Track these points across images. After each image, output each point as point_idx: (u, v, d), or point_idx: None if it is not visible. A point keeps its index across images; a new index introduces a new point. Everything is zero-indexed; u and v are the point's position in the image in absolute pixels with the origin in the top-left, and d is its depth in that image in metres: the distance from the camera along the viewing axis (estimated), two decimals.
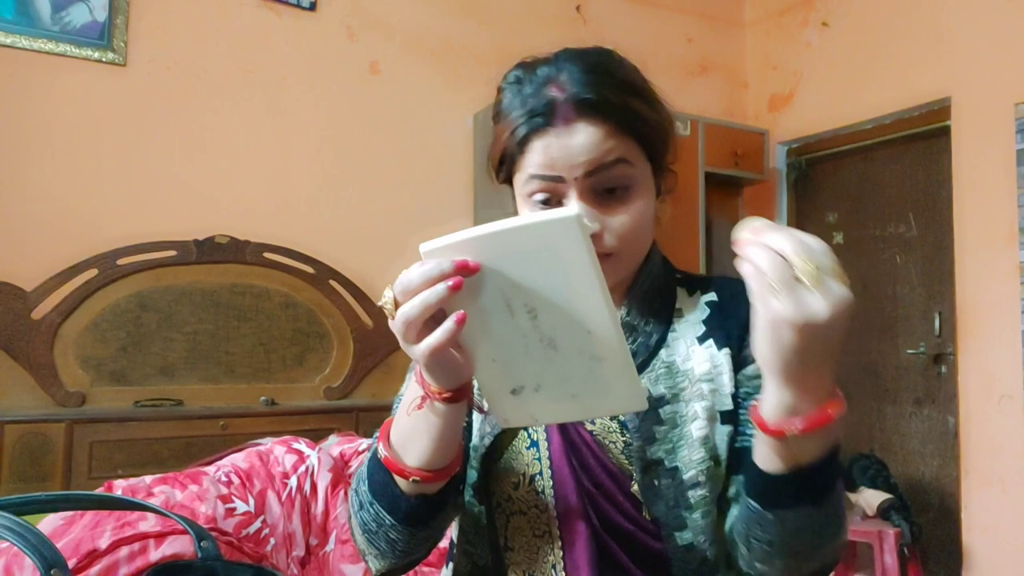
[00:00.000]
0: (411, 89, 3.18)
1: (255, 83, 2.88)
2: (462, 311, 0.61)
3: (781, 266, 0.56)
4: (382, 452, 0.73)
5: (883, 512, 2.83)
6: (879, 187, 3.58)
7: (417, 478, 0.70)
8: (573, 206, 0.59)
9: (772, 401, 0.62)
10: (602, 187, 0.76)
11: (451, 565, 0.87)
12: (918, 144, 3.42)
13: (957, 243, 3.12)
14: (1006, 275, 2.93)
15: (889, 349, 3.48)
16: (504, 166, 0.80)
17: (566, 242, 0.58)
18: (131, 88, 2.68)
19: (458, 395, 0.67)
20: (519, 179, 0.78)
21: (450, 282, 0.60)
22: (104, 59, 2.63)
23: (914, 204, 3.43)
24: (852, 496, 2.95)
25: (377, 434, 0.86)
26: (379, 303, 0.65)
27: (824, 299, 0.56)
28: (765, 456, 0.66)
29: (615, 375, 0.63)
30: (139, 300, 2.57)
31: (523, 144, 0.76)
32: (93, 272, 2.51)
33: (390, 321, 0.63)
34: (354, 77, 3.08)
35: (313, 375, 2.84)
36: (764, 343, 0.59)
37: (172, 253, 2.63)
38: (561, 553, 0.78)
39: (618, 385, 0.63)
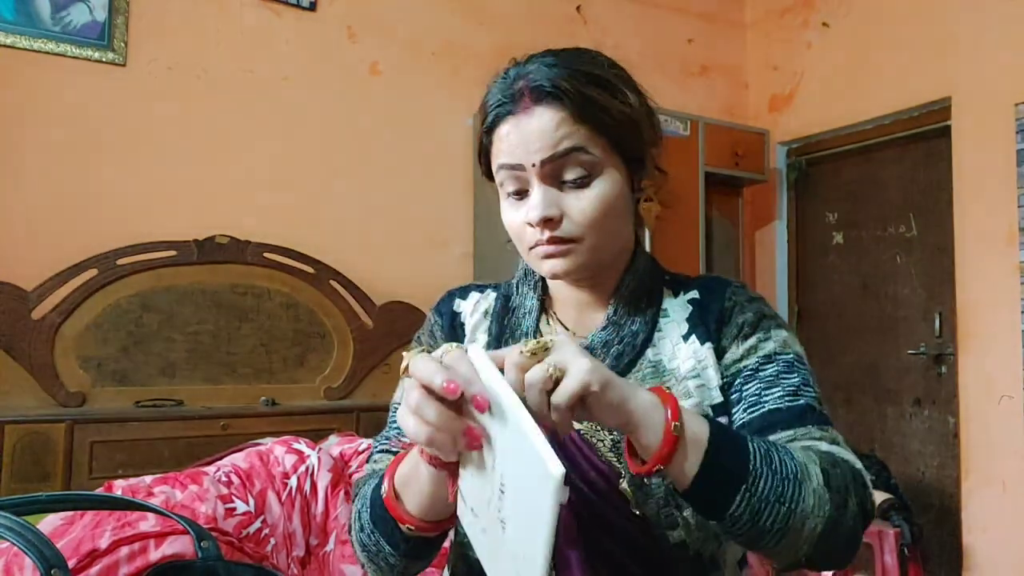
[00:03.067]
0: (411, 89, 3.18)
1: (255, 83, 2.88)
2: (460, 445, 0.61)
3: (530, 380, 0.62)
4: (385, 489, 0.73)
5: (883, 512, 2.83)
6: (879, 187, 3.58)
7: (412, 527, 0.70)
8: (560, 468, 0.55)
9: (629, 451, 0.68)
10: (561, 174, 0.78)
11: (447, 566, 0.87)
12: (918, 144, 3.42)
13: (957, 243, 3.12)
14: (1006, 275, 2.93)
15: (889, 349, 3.48)
16: (483, 160, 0.85)
17: (541, 488, 0.56)
18: (131, 88, 2.68)
19: (441, 467, 0.66)
20: (495, 174, 0.82)
21: (460, 438, 0.60)
22: (104, 59, 2.63)
23: (914, 204, 3.43)
24: None
25: (378, 446, 0.87)
26: (403, 352, 0.65)
27: (567, 370, 0.61)
28: (676, 481, 0.68)
29: None
30: (140, 300, 2.57)
31: (490, 132, 0.81)
32: (93, 272, 2.51)
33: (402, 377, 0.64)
34: (354, 77, 3.08)
35: (314, 375, 2.84)
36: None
37: (172, 253, 2.62)
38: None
39: None
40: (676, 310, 0.86)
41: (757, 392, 0.79)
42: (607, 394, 0.62)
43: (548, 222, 0.78)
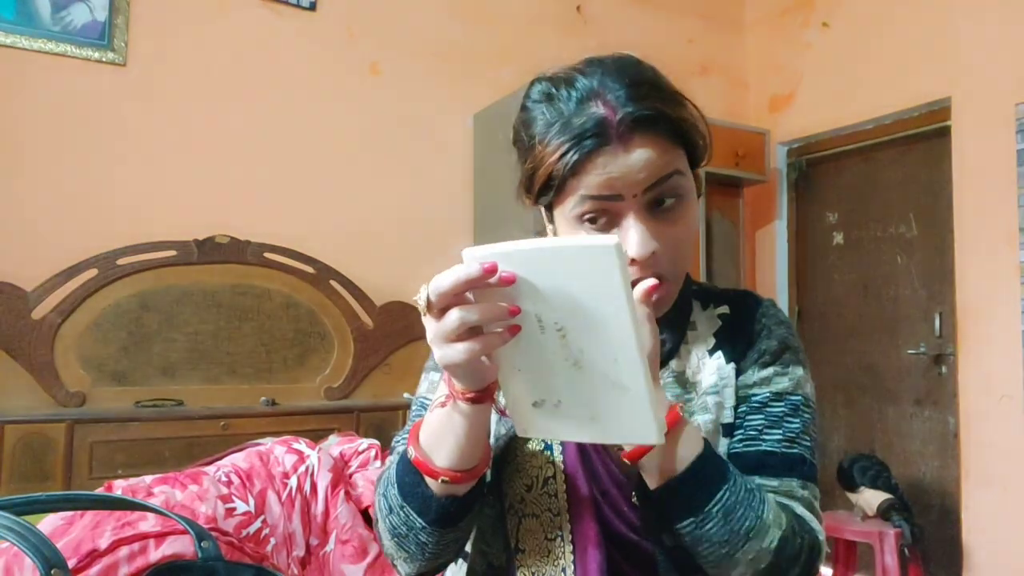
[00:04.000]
0: (411, 89, 3.18)
1: (255, 83, 2.88)
2: (501, 331, 0.62)
3: None
4: (412, 453, 0.73)
5: (883, 512, 2.83)
6: (879, 187, 3.58)
7: (447, 478, 0.71)
8: (613, 235, 0.59)
9: None
10: (656, 200, 0.75)
11: (460, 562, 0.87)
12: (918, 144, 3.42)
13: (957, 243, 3.12)
14: (1006, 275, 2.93)
15: (889, 349, 3.48)
16: (549, 190, 0.76)
17: (603, 270, 0.58)
18: (131, 88, 2.68)
19: (481, 396, 0.67)
20: (569, 201, 0.75)
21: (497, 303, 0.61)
22: (104, 59, 2.63)
23: (914, 204, 3.43)
24: (852, 496, 2.95)
25: (398, 439, 0.87)
26: (414, 298, 0.64)
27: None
28: (646, 480, 0.73)
29: (635, 406, 0.63)
30: (140, 300, 2.57)
31: (576, 166, 0.73)
32: (93, 272, 2.51)
33: (424, 319, 0.64)
34: (354, 77, 3.08)
35: (314, 375, 2.84)
36: None
37: (172, 253, 2.63)
38: (572, 557, 0.78)
39: (636, 416, 0.64)
40: (703, 323, 0.86)
41: (759, 428, 0.80)
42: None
43: (651, 257, 0.74)
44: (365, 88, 3.09)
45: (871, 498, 2.87)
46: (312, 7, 3.00)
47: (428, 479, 0.72)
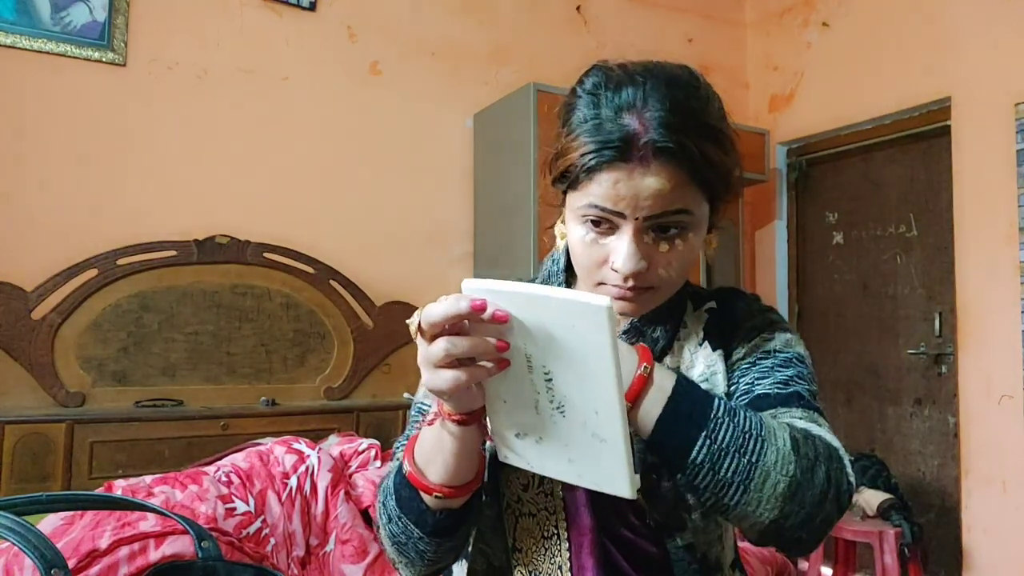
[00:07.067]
0: (411, 89, 3.18)
1: (255, 83, 2.88)
2: (489, 366, 0.64)
3: None
4: (407, 468, 0.75)
5: (883, 512, 2.83)
6: (879, 187, 3.58)
7: (440, 494, 0.72)
8: (605, 297, 0.59)
9: None
10: (656, 226, 0.75)
11: (464, 563, 0.87)
12: (918, 144, 3.42)
13: (957, 243, 3.12)
14: (1006, 275, 2.93)
15: (889, 349, 3.48)
16: (565, 180, 0.78)
17: (593, 327, 0.60)
18: (131, 88, 2.68)
19: (468, 419, 0.69)
20: (578, 198, 0.76)
21: (485, 342, 0.63)
22: (104, 59, 2.63)
23: (914, 204, 3.43)
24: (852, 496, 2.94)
25: (400, 445, 0.87)
26: (407, 321, 0.67)
27: None
28: (641, 431, 0.70)
29: (611, 458, 0.64)
30: (140, 300, 2.57)
31: (592, 171, 0.74)
32: (93, 272, 2.51)
33: (416, 339, 0.66)
34: (354, 77, 3.08)
35: (314, 375, 2.84)
36: None
37: (172, 253, 2.63)
38: (568, 555, 0.79)
39: (612, 468, 0.65)
40: (694, 321, 0.88)
41: (750, 381, 0.80)
42: None
43: (637, 274, 0.75)
44: (365, 88, 3.09)
45: (871, 498, 2.87)
46: (312, 7, 3.00)
47: (423, 494, 0.74)
